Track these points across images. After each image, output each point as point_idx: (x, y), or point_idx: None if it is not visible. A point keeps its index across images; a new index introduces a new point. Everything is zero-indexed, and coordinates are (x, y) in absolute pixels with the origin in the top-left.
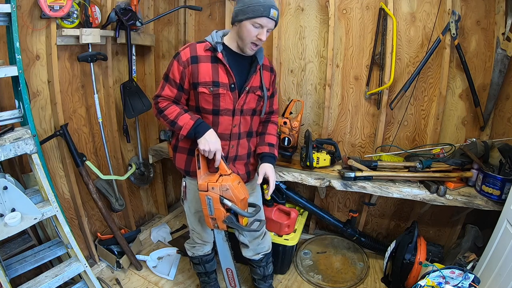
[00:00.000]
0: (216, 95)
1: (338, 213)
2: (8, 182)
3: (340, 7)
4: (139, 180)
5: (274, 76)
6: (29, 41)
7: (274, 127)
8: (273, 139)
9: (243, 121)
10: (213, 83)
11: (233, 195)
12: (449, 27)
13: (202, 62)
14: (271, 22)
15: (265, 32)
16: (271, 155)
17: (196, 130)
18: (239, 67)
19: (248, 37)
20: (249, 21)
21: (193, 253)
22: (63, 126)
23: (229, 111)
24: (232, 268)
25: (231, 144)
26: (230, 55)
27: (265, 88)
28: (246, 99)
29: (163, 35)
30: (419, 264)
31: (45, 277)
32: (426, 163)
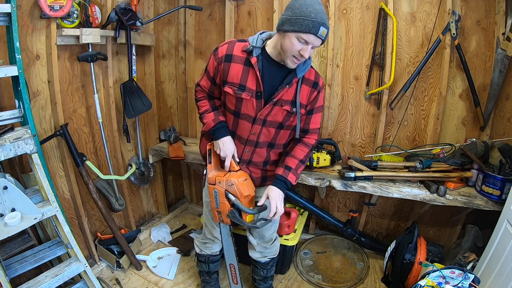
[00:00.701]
0: (239, 99)
1: (338, 213)
2: (8, 182)
3: (340, 7)
4: (139, 180)
5: (317, 93)
6: (29, 41)
7: (302, 149)
8: (293, 163)
9: (265, 132)
10: (239, 86)
11: (237, 190)
12: (449, 27)
13: (235, 62)
14: (318, 40)
15: (309, 49)
16: (281, 179)
17: (214, 133)
18: (273, 76)
19: (290, 50)
20: (294, 34)
21: (202, 250)
22: (63, 126)
23: (249, 117)
24: (235, 264)
25: (246, 149)
26: (266, 62)
27: (298, 105)
28: (271, 111)
29: (163, 35)
30: (419, 264)
31: (45, 277)
32: (426, 163)
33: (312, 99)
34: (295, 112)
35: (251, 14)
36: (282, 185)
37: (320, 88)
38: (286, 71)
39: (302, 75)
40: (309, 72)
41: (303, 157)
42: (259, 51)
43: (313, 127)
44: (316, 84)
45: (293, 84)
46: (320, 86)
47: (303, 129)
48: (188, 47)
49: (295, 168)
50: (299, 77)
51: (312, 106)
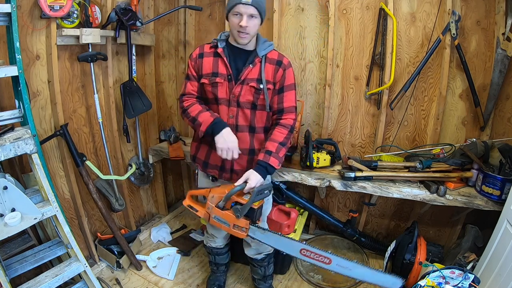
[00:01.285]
0: (214, 84)
1: (338, 213)
2: (8, 182)
3: (340, 7)
4: (139, 180)
5: (283, 71)
6: (29, 41)
7: (281, 131)
8: (273, 146)
9: (242, 114)
10: (212, 73)
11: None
12: (449, 27)
13: (206, 57)
14: (247, 7)
15: (245, 19)
16: (262, 163)
17: (214, 127)
18: (238, 60)
19: (233, 27)
20: (230, 12)
21: (207, 242)
22: (63, 126)
23: (225, 100)
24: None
25: None
26: (231, 50)
27: (264, 81)
28: (241, 90)
29: (163, 35)
30: (419, 264)
31: (45, 277)
32: (426, 163)
33: (280, 77)
34: (262, 89)
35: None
36: (263, 170)
37: (286, 66)
38: (250, 54)
39: (263, 54)
40: (272, 53)
41: (282, 139)
42: (223, 43)
43: (287, 106)
44: (280, 62)
45: (256, 63)
46: (285, 64)
47: (278, 109)
48: (188, 47)
49: (275, 151)
50: (261, 56)
51: (281, 84)
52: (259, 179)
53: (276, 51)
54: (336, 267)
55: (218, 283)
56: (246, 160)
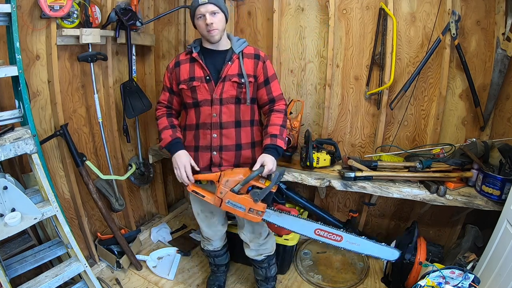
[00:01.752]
0: (192, 88)
1: (338, 213)
2: (8, 182)
3: (340, 7)
4: (139, 180)
5: (262, 63)
6: (29, 41)
7: (277, 115)
8: (275, 129)
9: (226, 110)
10: (189, 78)
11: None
12: (449, 27)
13: (182, 64)
14: (206, 6)
15: (208, 16)
16: (272, 146)
17: (170, 147)
18: (215, 61)
19: (202, 30)
20: (194, 18)
21: (204, 245)
22: (63, 126)
23: (207, 101)
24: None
25: (213, 133)
26: (206, 53)
27: (245, 75)
28: (223, 87)
29: (163, 35)
30: (419, 264)
31: (45, 277)
32: (426, 163)
33: (261, 69)
34: (244, 83)
35: (251, 14)
36: (274, 152)
37: (264, 59)
38: (225, 54)
39: (239, 51)
40: (247, 48)
41: (281, 121)
42: (198, 48)
43: (276, 94)
44: (258, 56)
45: (234, 60)
46: (263, 57)
47: (269, 99)
48: None
49: (279, 133)
50: (237, 52)
51: (265, 76)
52: (274, 161)
53: (251, 47)
54: (347, 244)
55: (218, 283)
56: (233, 156)
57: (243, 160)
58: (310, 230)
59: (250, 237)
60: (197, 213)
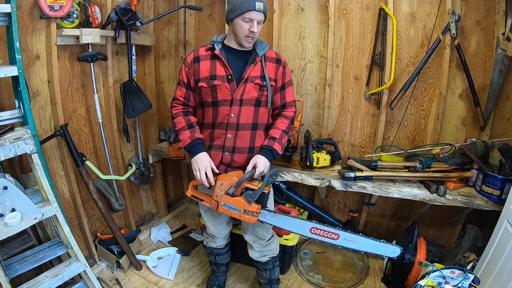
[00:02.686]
0: (213, 87)
1: (338, 213)
2: (8, 182)
3: (340, 7)
4: (139, 180)
5: (283, 68)
6: (29, 41)
7: (283, 121)
8: (276, 133)
9: (244, 111)
10: (210, 77)
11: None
12: (449, 27)
13: (203, 60)
14: (259, 14)
15: (256, 24)
16: (267, 148)
17: (190, 149)
18: (238, 61)
19: (241, 32)
20: (239, 17)
21: (207, 242)
22: (63, 126)
23: (227, 101)
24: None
25: (228, 134)
26: (229, 52)
27: (267, 78)
28: (245, 89)
29: (163, 35)
30: (419, 264)
31: (45, 277)
32: (426, 163)
33: (281, 74)
34: (266, 85)
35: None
36: (268, 154)
37: (284, 64)
38: (248, 55)
39: (263, 54)
40: (269, 52)
41: (285, 127)
42: (220, 45)
43: (289, 100)
44: (279, 60)
45: (257, 62)
46: (283, 62)
47: (281, 104)
48: (188, 47)
49: (279, 138)
50: (261, 55)
51: (283, 81)
52: (266, 163)
53: (272, 51)
54: (344, 242)
55: (218, 283)
56: (245, 158)
57: None
58: (306, 229)
59: (253, 238)
60: (204, 211)
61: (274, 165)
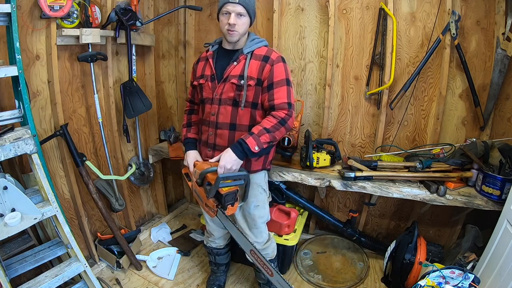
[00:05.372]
0: (200, 85)
1: (338, 213)
2: (8, 182)
3: (340, 7)
4: (139, 180)
5: (270, 66)
6: (29, 41)
7: (270, 119)
8: (256, 129)
9: (223, 111)
10: (201, 76)
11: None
12: (449, 27)
13: (201, 62)
14: (235, 6)
15: (234, 17)
16: (240, 141)
17: (185, 146)
18: (224, 60)
19: (222, 26)
20: (220, 13)
21: (207, 242)
22: (63, 126)
23: (209, 99)
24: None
25: (210, 131)
26: (221, 52)
27: (245, 77)
28: (223, 88)
29: (163, 35)
30: (419, 264)
31: (45, 277)
32: (426, 163)
33: (267, 72)
34: (243, 85)
35: None
36: (237, 147)
37: (274, 62)
38: (237, 53)
39: (249, 51)
40: (260, 49)
41: (269, 126)
42: (216, 46)
43: (278, 103)
44: (267, 58)
45: (240, 60)
46: (273, 59)
47: (269, 106)
48: (188, 47)
49: (257, 133)
50: (246, 52)
51: (270, 81)
52: (232, 158)
53: (266, 48)
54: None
55: (218, 283)
56: None
57: None
58: (247, 248)
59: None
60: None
61: (274, 165)
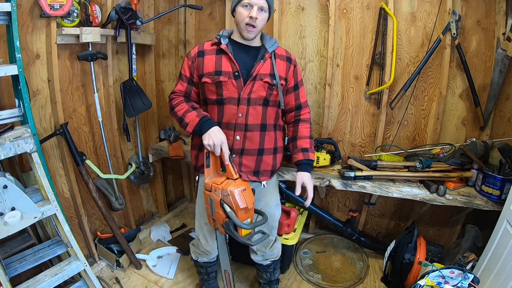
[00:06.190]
0: (218, 84)
1: (338, 213)
2: (8, 181)
3: (340, 6)
4: (139, 179)
5: (294, 67)
6: (29, 40)
7: (305, 126)
8: (306, 143)
9: (252, 111)
10: (215, 72)
11: (233, 202)
12: (450, 27)
13: (207, 55)
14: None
15: (256, 10)
16: (306, 162)
17: (201, 126)
18: (246, 56)
19: (241, 20)
20: (239, 4)
21: (198, 258)
22: (63, 125)
23: (233, 99)
24: (229, 271)
25: (236, 135)
26: (236, 47)
27: (277, 76)
28: (253, 87)
29: (163, 34)
30: (419, 264)
31: (45, 276)
32: (426, 163)
33: (292, 73)
34: (276, 84)
35: None
36: (308, 167)
37: (295, 62)
38: (256, 51)
39: (272, 50)
40: (279, 49)
41: (309, 133)
42: (226, 39)
43: (303, 101)
44: (290, 59)
45: (266, 59)
46: (294, 60)
47: (296, 105)
48: (188, 46)
49: (309, 146)
50: (270, 51)
51: (295, 81)
52: (310, 177)
53: (282, 48)
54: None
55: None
56: (254, 161)
57: (263, 167)
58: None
59: (258, 246)
60: (201, 226)
61: None
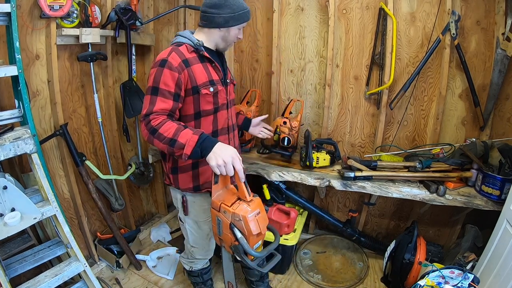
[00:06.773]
0: (215, 93)
1: (337, 213)
2: (8, 182)
3: (340, 7)
4: (139, 179)
5: None
6: (29, 41)
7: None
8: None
9: (233, 113)
10: (210, 82)
11: (245, 228)
12: (449, 27)
13: (193, 64)
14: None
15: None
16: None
17: (202, 145)
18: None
19: (233, 39)
20: (237, 26)
21: (191, 267)
22: (62, 126)
23: (224, 105)
24: (233, 283)
25: (230, 137)
26: (210, 53)
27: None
28: (230, 90)
29: (163, 35)
30: (419, 264)
31: (45, 277)
32: (426, 163)
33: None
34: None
35: (251, 14)
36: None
37: None
38: (221, 56)
39: None
40: None
41: None
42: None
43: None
44: None
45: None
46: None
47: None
48: None
49: None
50: None
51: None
52: None
53: None
54: None
55: None
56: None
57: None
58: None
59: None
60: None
61: (274, 165)
